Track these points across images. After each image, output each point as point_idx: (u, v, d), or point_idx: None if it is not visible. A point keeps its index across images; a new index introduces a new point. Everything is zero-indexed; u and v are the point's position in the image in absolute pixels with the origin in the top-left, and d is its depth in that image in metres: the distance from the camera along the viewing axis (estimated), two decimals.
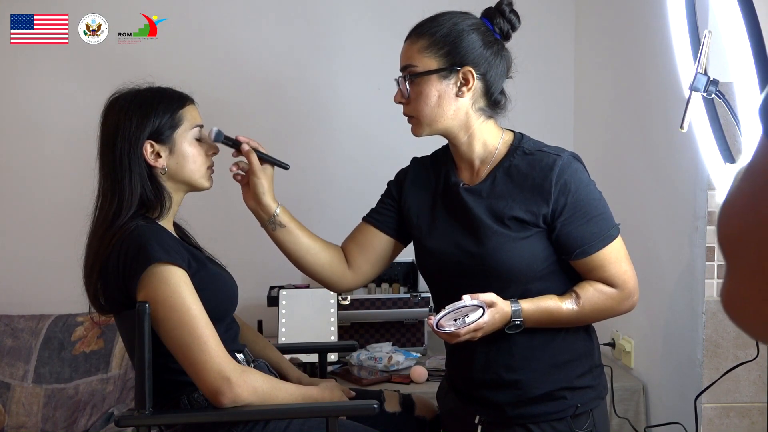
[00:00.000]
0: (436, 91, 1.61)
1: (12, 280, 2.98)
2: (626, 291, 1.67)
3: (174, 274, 1.59)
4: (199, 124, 1.75)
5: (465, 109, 1.63)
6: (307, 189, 3.07)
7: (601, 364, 1.75)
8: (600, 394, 1.71)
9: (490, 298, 1.58)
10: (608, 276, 1.65)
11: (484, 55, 1.62)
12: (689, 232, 2.17)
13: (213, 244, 1.89)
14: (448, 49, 1.60)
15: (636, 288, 1.69)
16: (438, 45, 1.61)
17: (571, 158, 1.62)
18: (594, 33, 2.95)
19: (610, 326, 2.72)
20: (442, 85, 1.61)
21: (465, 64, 1.60)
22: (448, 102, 1.62)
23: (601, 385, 1.71)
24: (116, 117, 1.68)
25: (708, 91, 1.57)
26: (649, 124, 2.44)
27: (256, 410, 1.62)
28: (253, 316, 2.77)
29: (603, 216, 1.62)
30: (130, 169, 1.66)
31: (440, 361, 2.53)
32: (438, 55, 1.61)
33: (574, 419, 1.64)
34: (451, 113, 1.63)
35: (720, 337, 2.10)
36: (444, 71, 1.60)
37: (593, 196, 1.62)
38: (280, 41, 3.02)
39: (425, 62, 1.61)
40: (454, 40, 1.61)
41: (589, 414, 1.66)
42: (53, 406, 2.65)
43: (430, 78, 1.61)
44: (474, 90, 1.62)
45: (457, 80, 1.61)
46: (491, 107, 1.66)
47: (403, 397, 1.94)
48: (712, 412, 2.11)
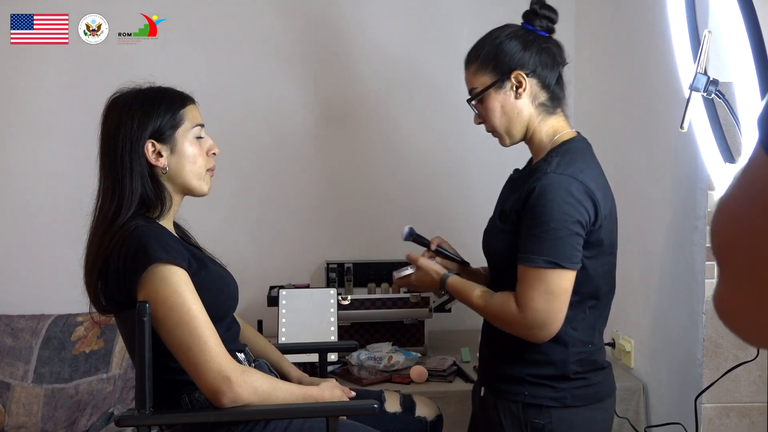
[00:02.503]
0: (498, 103, 1.77)
1: (12, 280, 2.98)
2: (525, 319, 1.69)
3: (174, 274, 1.59)
4: (199, 124, 1.75)
5: (528, 108, 1.78)
6: (307, 190, 3.07)
7: (579, 378, 1.76)
8: (563, 399, 1.75)
9: (422, 262, 1.90)
10: (518, 294, 1.70)
11: (527, 55, 1.76)
12: (689, 232, 2.17)
13: (213, 244, 1.90)
14: (494, 63, 1.76)
15: (539, 325, 1.68)
16: (485, 63, 1.77)
17: (565, 177, 1.67)
18: (594, 33, 2.95)
19: (610, 326, 2.72)
20: (501, 95, 1.77)
21: (513, 69, 1.75)
22: (511, 108, 1.77)
23: (568, 394, 1.75)
24: (118, 116, 1.69)
25: (708, 90, 1.57)
26: (649, 124, 2.44)
27: (256, 410, 1.62)
28: (253, 316, 2.77)
29: (549, 240, 1.65)
30: (131, 168, 1.66)
31: (440, 361, 2.53)
32: (488, 72, 1.77)
33: (525, 408, 1.74)
34: (516, 116, 1.78)
35: (720, 337, 2.10)
36: (498, 82, 1.76)
37: (553, 217, 1.65)
38: (281, 41, 3.02)
39: (481, 81, 1.78)
40: (496, 53, 1.77)
41: (543, 409, 1.74)
42: (53, 406, 2.65)
43: (490, 93, 1.77)
44: (530, 87, 1.77)
45: (511, 85, 1.76)
46: (552, 101, 1.80)
47: (403, 397, 1.94)
48: (712, 412, 2.11)
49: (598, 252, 1.73)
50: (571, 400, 1.75)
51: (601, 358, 1.84)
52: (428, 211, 3.03)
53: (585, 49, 3.02)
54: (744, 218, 0.60)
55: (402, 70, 3.06)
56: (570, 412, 1.76)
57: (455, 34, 2.99)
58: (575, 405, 1.76)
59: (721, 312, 0.65)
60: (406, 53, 3.05)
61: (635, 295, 2.56)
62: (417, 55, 3.05)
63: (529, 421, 1.75)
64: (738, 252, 0.61)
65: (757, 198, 0.58)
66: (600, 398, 1.80)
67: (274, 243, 3.06)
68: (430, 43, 3.05)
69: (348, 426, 1.73)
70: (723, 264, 0.63)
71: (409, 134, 3.07)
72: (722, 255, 0.63)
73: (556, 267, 1.65)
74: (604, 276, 1.78)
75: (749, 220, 0.59)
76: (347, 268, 2.87)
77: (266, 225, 3.06)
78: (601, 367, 1.82)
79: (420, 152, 3.08)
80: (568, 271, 1.66)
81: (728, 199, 0.62)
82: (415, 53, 3.06)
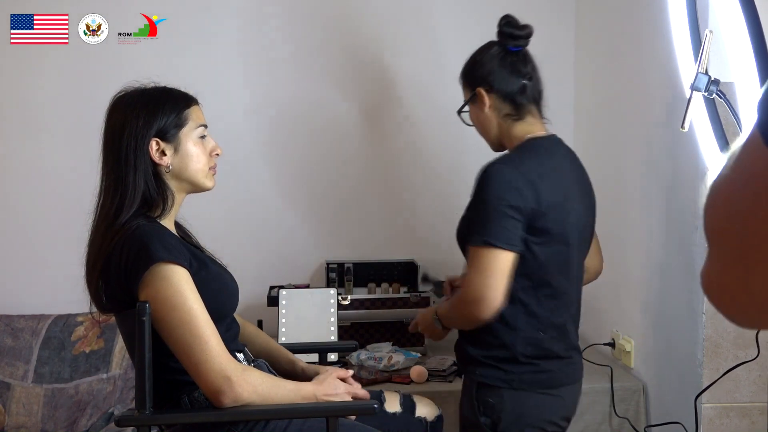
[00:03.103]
0: (475, 115, 1.97)
1: (12, 280, 2.97)
2: (463, 295, 1.84)
3: (176, 273, 1.59)
4: (203, 124, 1.76)
5: (495, 119, 1.93)
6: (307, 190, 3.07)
7: (530, 363, 1.85)
8: (511, 382, 1.85)
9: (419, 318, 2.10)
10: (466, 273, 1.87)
11: (491, 71, 1.91)
12: (689, 232, 2.17)
13: (213, 244, 1.90)
14: (467, 80, 1.97)
15: (474, 300, 1.80)
16: (464, 80, 1.99)
17: (503, 166, 1.83)
18: (594, 33, 2.95)
19: (610, 326, 2.72)
20: (475, 109, 1.96)
21: (476, 86, 1.93)
22: (483, 119, 1.95)
23: (516, 377, 1.85)
24: (123, 114, 1.69)
25: (709, 90, 1.57)
26: (650, 124, 2.44)
27: (257, 410, 1.63)
28: (253, 316, 2.76)
29: (482, 221, 1.80)
30: (135, 165, 1.67)
31: (440, 361, 2.53)
32: (466, 88, 1.98)
33: (479, 387, 1.87)
34: (488, 126, 1.95)
35: (720, 337, 2.10)
36: (472, 98, 1.95)
37: (488, 200, 1.80)
38: (281, 41, 3.02)
39: (464, 95, 2.00)
40: (469, 70, 1.96)
41: (494, 389, 1.85)
42: (53, 406, 2.65)
43: (470, 107, 1.98)
44: (492, 101, 1.92)
45: (479, 101, 1.93)
46: (517, 110, 1.92)
47: (403, 397, 1.94)
48: (712, 412, 2.11)
49: (546, 239, 1.82)
50: (519, 383, 1.84)
51: (557, 348, 1.89)
52: (430, 211, 3.03)
53: (585, 49, 3.02)
54: (738, 201, 0.60)
55: (402, 71, 3.06)
56: (520, 394, 1.85)
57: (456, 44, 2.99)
58: (523, 388, 1.85)
59: (708, 291, 0.67)
60: (403, 53, 3.05)
61: (635, 295, 2.56)
62: (417, 56, 3.06)
63: (481, 400, 1.86)
64: (729, 233, 0.62)
65: (751, 181, 0.59)
66: (553, 385, 1.87)
67: (274, 243, 3.06)
68: (416, 39, 3.05)
69: (348, 426, 1.73)
70: (713, 244, 0.64)
71: (410, 134, 3.07)
72: (713, 235, 0.64)
73: (488, 246, 1.77)
74: (559, 265, 1.86)
75: (743, 203, 0.60)
76: (347, 268, 2.87)
77: (266, 225, 3.06)
78: (556, 356, 1.88)
79: (420, 152, 3.08)
80: (502, 251, 1.77)
81: (722, 181, 0.63)
82: (414, 53, 3.06)
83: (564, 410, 1.92)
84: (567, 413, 1.94)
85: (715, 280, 0.65)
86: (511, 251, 1.78)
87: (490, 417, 1.85)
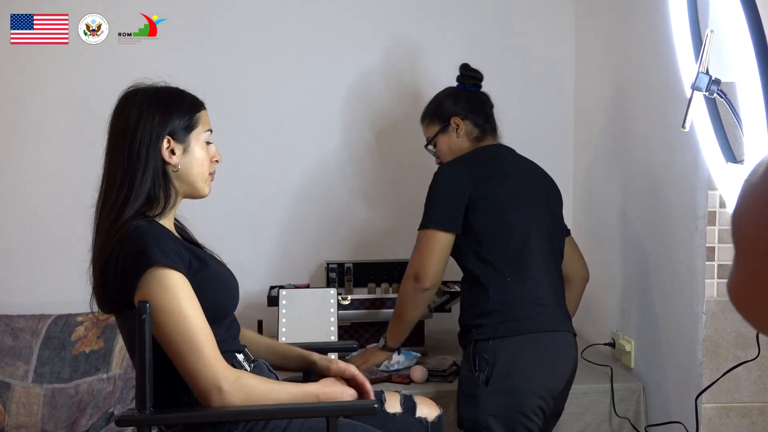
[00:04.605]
0: (446, 144, 2.39)
1: (12, 280, 2.97)
2: (405, 275, 2.27)
3: (172, 278, 1.59)
4: (209, 129, 1.78)
5: (466, 143, 2.38)
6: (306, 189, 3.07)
7: (501, 310, 2.14)
8: (495, 330, 2.12)
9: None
10: None
11: (459, 105, 2.37)
12: (689, 232, 2.17)
13: (213, 244, 1.89)
14: (438, 116, 2.40)
15: (414, 275, 2.22)
16: (432, 117, 2.42)
17: (446, 165, 2.32)
18: (594, 32, 2.95)
19: (610, 326, 2.72)
20: (446, 137, 2.39)
21: (450, 117, 2.37)
22: (455, 145, 2.38)
23: (496, 325, 2.13)
24: (138, 109, 1.69)
25: (710, 90, 1.57)
26: (651, 123, 2.44)
27: (257, 410, 1.63)
28: (253, 316, 2.77)
29: (426, 210, 2.24)
30: (146, 162, 1.67)
31: (440, 360, 2.53)
32: (435, 123, 2.41)
33: (475, 344, 2.14)
34: (458, 150, 2.37)
35: (720, 337, 2.10)
36: (443, 129, 2.39)
37: (431, 192, 2.26)
38: (281, 41, 3.02)
39: (432, 130, 2.42)
40: (437, 109, 2.42)
41: (488, 342, 2.12)
42: (53, 406, 2.65)
43: (439, 137, 2.40)
44: (465, 127, 2.37)
45: (452, 128, 2.37)
46: (482, 133, 2.39)
47: (404, 397, 1.94)
48: (712, 412, 2.11)
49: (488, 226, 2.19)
50: (499, 330, 2.12)
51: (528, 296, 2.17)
52: None
53: (585, 48, 3.02)
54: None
55: (403, 72, 3.06)
56: (507, 341, 2.11)
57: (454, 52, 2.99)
58: (499, 335, 2.12)
59: (736, 301, 0.65)
60: (404, 53, 3.05)
61: (635, 295, 2.56)
62: (422, 56, 3.06)
63: (476, 357, 2.12)
64: (759, 245, 0.61)
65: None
66: (534, 329, 2.13)
67: (274, 243, 3.06)
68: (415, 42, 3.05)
69: (348, 426, 1.73)
70: (743, 253, 0.63)
71: (410, 135, 3.07)
72: (742, 245, 0.63)
73: (425, 228, 2.22)
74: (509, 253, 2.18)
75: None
76: (347, 268, 2.87)
77: (266, 225, 3.06)
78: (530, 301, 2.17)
79: (421, 152, 3.08)
80: (437, 232, 2.20)
81: (755, 190, 0.62)
82: (411, 56, 3.06)
83: (549, 365, 2.13)
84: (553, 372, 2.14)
85: (744, 291, 0.64)
86: (446, 231, 2.19)
87: (484, 371, 2.10)
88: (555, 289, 2.23)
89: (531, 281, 2.18)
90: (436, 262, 2.20)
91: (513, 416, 2.08)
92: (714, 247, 2.09)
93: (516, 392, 2.08)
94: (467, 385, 2.14)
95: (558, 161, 3.10)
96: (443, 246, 2.20)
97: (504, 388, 2.08)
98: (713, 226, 2.08)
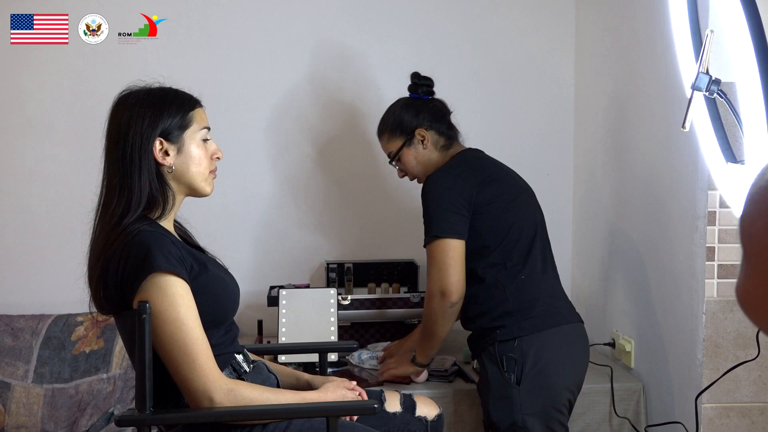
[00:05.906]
0: (412, 157, 2.35)
1: (12, 280, 2.97)
2: (428, 292, 2.20)
3: (172, 285, 1.59)
4: (206, 127, 1.77)
5: (434, 153, 2.34)
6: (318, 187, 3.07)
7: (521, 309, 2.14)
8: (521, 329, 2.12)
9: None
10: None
11: (421, 116, 2.33)
12: (689, 232, 2.17)
13: (213, 244, 1.89)
14: (400, 129, 2.34)
15: (439, 293, 2.15)
16: (393, 131, 2.36)
17: (438, 174, 2.24)
18: (594, 33, 2.95)
19: (610, 326, 2.72)
20: (412, 150, 2.34)
21: (414, 129, 2.32)
22: (423, 157, 2.34)
23: (520, 323, 2.13)
24: (129, 112, 1.69)
25: (710, 90, 1.56)
26: (651, 123, 2.44)
27: (257, 410, 1.63)
28: (253, 316, 2.77)
29: (429, 222, 2.19)
30: (140, 165, 1.66)
31: (440, 361, 2.53)
32: (397, 137, 2.35)
33: (499, 344, 2.13)
34: (427, 161, 2.34)
35: (720, 337, 2.10)
36: (407, 142, 2.34)
37: (431, 203, 2.19)
38: (281, 41, 3.02)
39: (395, 145, 2.36)
40: (397, 121, 2.35)
41: (514, 341, 2.11)
42: (53, 406, 2.65)
43: (404, 151, 2.35)
44: (431, 137, 2.33)
45: (417, 140, 2.33)
46: (448, 141, 2.36)
47: (404, 397, 1.94)
48: (712, 412, 2.11)
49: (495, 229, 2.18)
50: (516, 330, 2.12)
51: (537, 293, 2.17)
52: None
53: (585, 49, 3.02)
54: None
55: (404, 70, 3.06)
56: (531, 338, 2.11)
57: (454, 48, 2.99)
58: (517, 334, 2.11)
59: (744, 304, 0.65)
60: (406, 52, 3.05)
61: (635, 295, 2.56)
62: (420, 56, 3.05)
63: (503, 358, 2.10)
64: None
65: None
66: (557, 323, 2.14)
67: (274, 243, 3.06)
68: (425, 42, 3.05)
69: (348, 426, 1.73)
70: (752, 257, 0.63)
71: None
72: (751, 248, 0.63)
73: (437, 239, 2.15)
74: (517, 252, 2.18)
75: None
76: (347, 268, 2.87)
77: (266, 225, 3.06)
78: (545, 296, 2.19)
79: None
80: (451, 240, 2.14)
81: (763, 193, 0.61)
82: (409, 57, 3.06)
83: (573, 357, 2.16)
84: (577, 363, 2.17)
85: (753, 294, 0.64)
86: (457, 238, 2.15)
87: (514, 371, 2.09)
88: (559, 282, 2.29)
89: (542, 276, 2.21)
90: (458, 273, 2.15)
91: (549, 413, 2.09)
92: (714, 247, 2.09)
93: (550, 388, 2.09)
94: (498, 387, 2.11)
95: (558, 161, 3.10)
96: (460, 254, 2.16)
97: (538, 386, 2.08)
98: (713, 226, 2.09)
